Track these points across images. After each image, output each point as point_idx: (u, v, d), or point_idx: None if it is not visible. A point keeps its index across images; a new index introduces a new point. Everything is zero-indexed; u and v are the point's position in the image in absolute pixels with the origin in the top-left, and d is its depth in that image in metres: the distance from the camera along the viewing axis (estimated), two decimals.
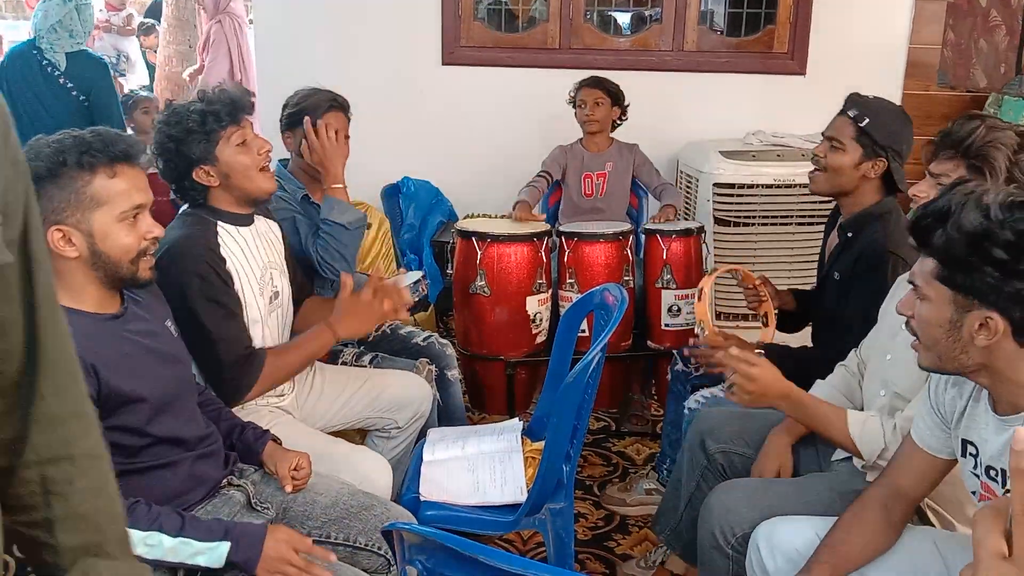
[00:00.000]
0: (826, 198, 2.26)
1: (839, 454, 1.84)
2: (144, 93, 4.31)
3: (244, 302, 1.89)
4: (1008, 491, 1.23)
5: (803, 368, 2.10)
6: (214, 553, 1.40)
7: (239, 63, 5.22)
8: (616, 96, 3.26)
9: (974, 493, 1.36)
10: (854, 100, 2.10)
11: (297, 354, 1.93)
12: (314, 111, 2.30)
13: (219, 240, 1.87)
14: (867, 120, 2.04)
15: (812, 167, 2.16)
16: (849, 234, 2.11)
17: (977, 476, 1.34)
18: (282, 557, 1.42)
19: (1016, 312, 1.16)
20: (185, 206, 1.95)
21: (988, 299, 1.17)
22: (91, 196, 1.41)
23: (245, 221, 1.94)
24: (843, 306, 2.04)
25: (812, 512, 1.60)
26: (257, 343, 1.91)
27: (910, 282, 1.30)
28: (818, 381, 1.95)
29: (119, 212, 1.43)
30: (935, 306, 1.23)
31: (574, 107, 3.28)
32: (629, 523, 2.54)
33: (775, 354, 2.18)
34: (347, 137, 2.37)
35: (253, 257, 1.94)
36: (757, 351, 2.16)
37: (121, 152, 1.43)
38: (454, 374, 2.53)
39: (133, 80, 5.14)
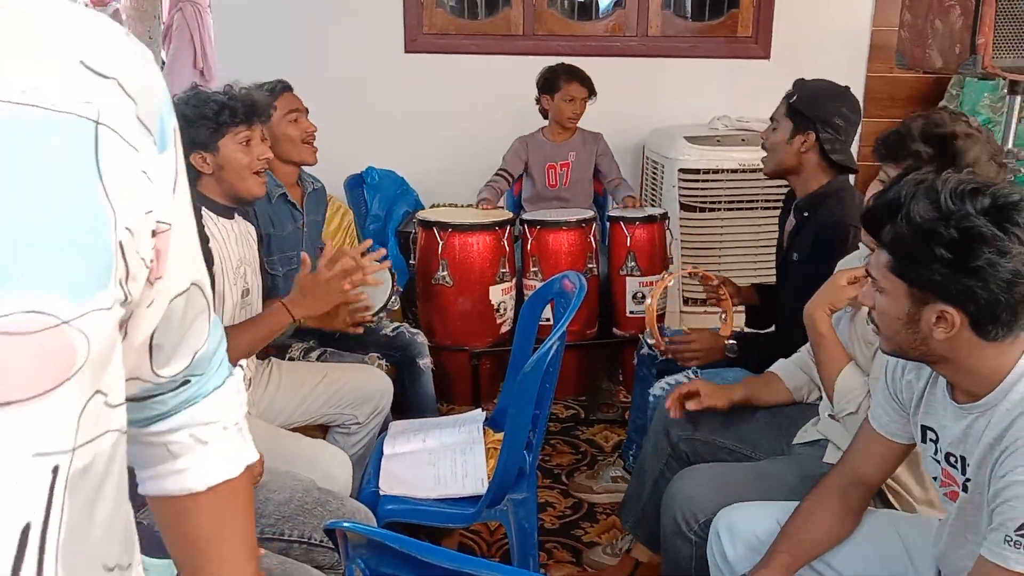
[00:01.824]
0: (783, 181, 2.26)
1: (800, 438, 1.84)
2: None
3: (224, 286, 1.88)
4: (968, 480, 1.24)
5: (772, 351, 2.10)
6: (168, 570, 1.35)
7: (201, 52, 5.13)
8: (593, 91, 3.22)
9: (935, 479, 1.36)
10: (796, 83, 2.15)
11: (250, 333, 1.89)
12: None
13: (203, 222, 1.87)
14: (796, 96, 2.09)
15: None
16: (805, 213, 2.12)
17: (938, 462, 1.33)
18: None
19: (971, 306, 1.14)
20: None
21: (942, 294, 1.15)
22: None
23: (227, 214, 1.95)
24: (805, 286, 2.03)
25: (774, 497, 1.60)
26: None
27: (867, 273, 1.28)
28: (779, 360, 1.95)
29: None
30: (892, 299, 1.21)
31: (545, 95, 3.20)
32: (597, 511, 2.53)
33: (744, 341, 2.18)
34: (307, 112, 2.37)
35: (231, 249, 1.93)
36: (728, 341, 2.17)
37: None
38: (426, 363, 2.51)
39: None
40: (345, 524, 1.05)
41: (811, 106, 2.06)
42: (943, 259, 1.12)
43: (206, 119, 1.84)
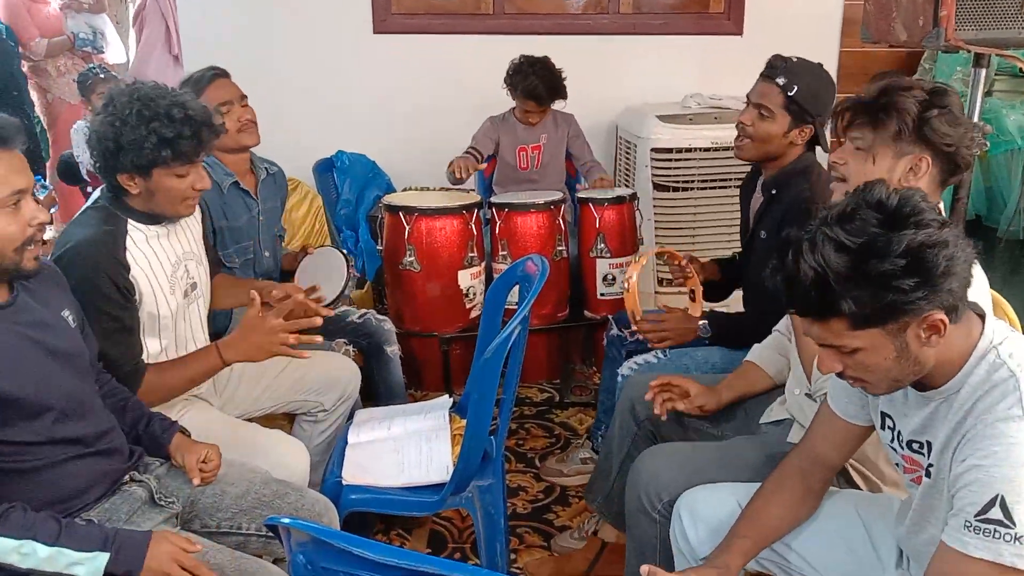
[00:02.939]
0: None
1: (767, 416, 1.83)
2: (102, 74, 3.93)
3: (156, 304, 1.79)
4: (931, 465, 1.22)
5: (743, 331, 2.09)
6: (92, 564, 1.31)
7: (175, 36, 5.03)
8: (559, 92, 3.13)
9: (898, 465, 1.35)
10: (779, 65, 2.06)
11: (178, 374, 1.80)
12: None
13: (128, 241, 1.75)
14: (796, 89, 2.01)
15: (738, 135, 2.13)
16: (773, 191, 2.09)
17: (896, 449, 1.32)
18: (165, 570, 1.34)
19: (947, 299, 1.12)
20: (95, 194, 1.84)
21: (917, 308, 1.12)
22: None
23: (156, 220, 1.82)
24: None
25: (739, 477, 1.59)
26: (169, 344, 1.85)
27: (822, 345, 1.21)
28: (755, 345, 1.94)
29: None
30: (872, 351, 1.16)
31: (511, 91, 3.16)
32: (569, 494, 2.53)
33: (715, 321, 2.17)
34: (244, 98, 2.28)
35: (164, 255, 1.82)
36: (701, 322, 2.15)
37: None
38: (393, 350, 2.48)
39: (111, 56, 4.95)
40: (284, 521, 1.02)
41: (813, 103, 2.00)
42: (912, 285, 1.09)
43: (144, 149, 1.66)
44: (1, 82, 3.40)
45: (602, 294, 2.71)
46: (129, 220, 1.77)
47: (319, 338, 1.89)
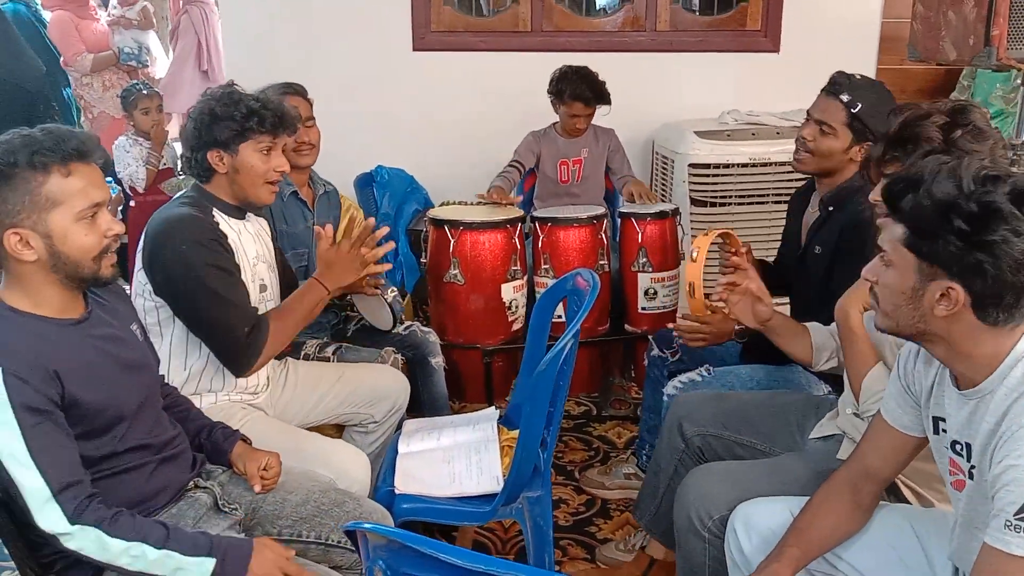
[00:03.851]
0: (795, 175, 2.24)
1: (817, 432, 1.83)
2: (145, 90, 4.01)
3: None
4: (973, 467, 1.24)
5: None
6: (199, 569, 1.36)
7: (206, 52, 5.14)
8: (604, 97, 3.17)
9: (944, 470, 1.35)
10: (843, 82, 2.06)
11: (295, 314, 1.93)
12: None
13: (215, 221, 1.89)
14: (860, 107, 2.02)
15: (797, 148, 2.14)
16: (830, 208, 2.10)
17: (943, 451, 1.33)
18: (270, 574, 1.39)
19: (976, 284, 1.16)
20: (180, 193, 1.97)
21: (951, 269, 1.17)
22: (46, 197, 1.36)
23: (238, 214, 1.97)
24: (828, 279, 2.03)
25: (789, 492, 1.59)
26: None
27: (877, 246, 1.29)
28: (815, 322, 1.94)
29: (77, 211, 1.38)
30: (899, 272, 1.23)
31: (555, 99, 3.20)
32: (610, 507, 2.54)
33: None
34: (310, 119, 2.37)
35: (244, 249, 1.94)
36: (739, 326, 2.15)
37: (74, 150, 1.39)
38: (438, 361, 2.51)
39: (157, 71, 5.08)
40: (366, 525, 1.05)
41: (877, 121, 1.98)
42: (959, 231, 1.14)
43: (232, 120, 1.85)
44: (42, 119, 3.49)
45: (643, 308, 2.73)
46: (215, 208, 1.90)
47: (388, 265, 2.08)
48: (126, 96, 3.96)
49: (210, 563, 1.36)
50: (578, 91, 3.13)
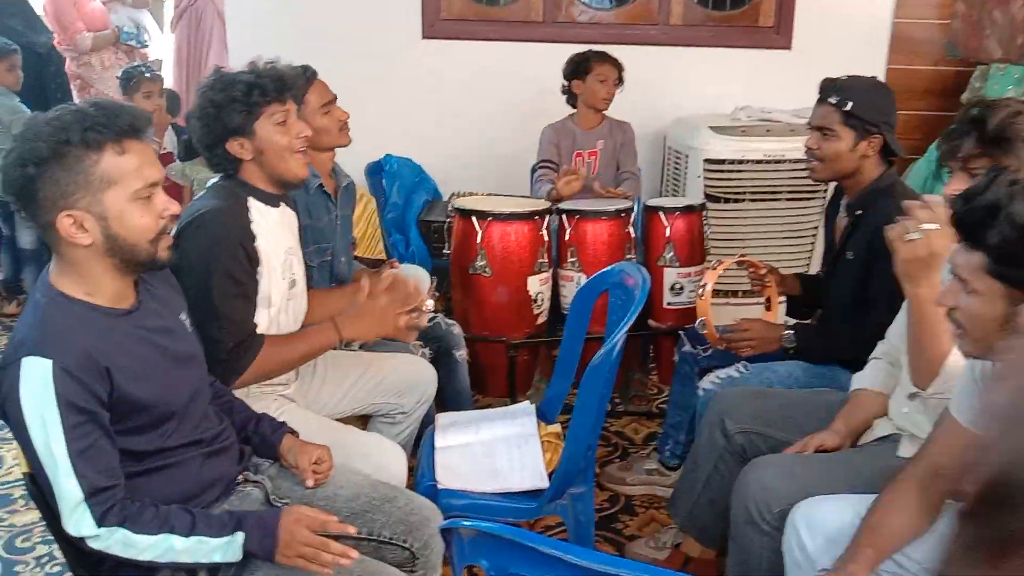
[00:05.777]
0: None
1: (868, 436, 1.80)
2: (147, 73, 3.86)
3: (270, 284, 1.81)
4: None
5: (830, 347, 2.09)
6: (231, 546, 1.32)
7: (209, 40, 5.03)
8: (622, 77, 3.19)
9: None
10: (830, 86, 2.10)
11: (295, 348, 1.82)
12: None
13: (250, 216, 1.79)
14: (851, 103, 2.04)
15: (808, 159, 2.15)
16: (858, 212, 2.09)
17: None
18: (300, 540, 1.34)
19: None
20: (215, 178, 1.88)
21: None
22: (101, 176, 1.29)
23: (273, 201, 1.86)
24: (863, 285, 2.02)
25: (849, 489, 1.58)
26: (273, 329, 1.83)
27: (954, 274, 1.26)
28: (856, 375, 1.88)
29: (132, 191, 1.31)
30: (986, 301, 1.20)
31: (576, 79, 3.15)
32: (635, 504, 2.51)
33: (802, 334, 2.16)
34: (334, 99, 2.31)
35: (278, 239, 1.85)
36: (786, 332, 2.14)
37: (128, 125, 1.32)
38: (462, 355, 2.47)
39: (155, 52, 4.95)
40: (465, 524, 1.02)
41: (872, 111, 2.02)
42: None
43: (236, 102, 1.74)
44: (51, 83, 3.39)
45: (669, 303, 2.71)
46: (249, 197, 1.81)
47: (426, 318, 1.94)
48: (127, 78, 3.85)
49: (240, 537, 1.33)
50: (602, 55, 3.13)
